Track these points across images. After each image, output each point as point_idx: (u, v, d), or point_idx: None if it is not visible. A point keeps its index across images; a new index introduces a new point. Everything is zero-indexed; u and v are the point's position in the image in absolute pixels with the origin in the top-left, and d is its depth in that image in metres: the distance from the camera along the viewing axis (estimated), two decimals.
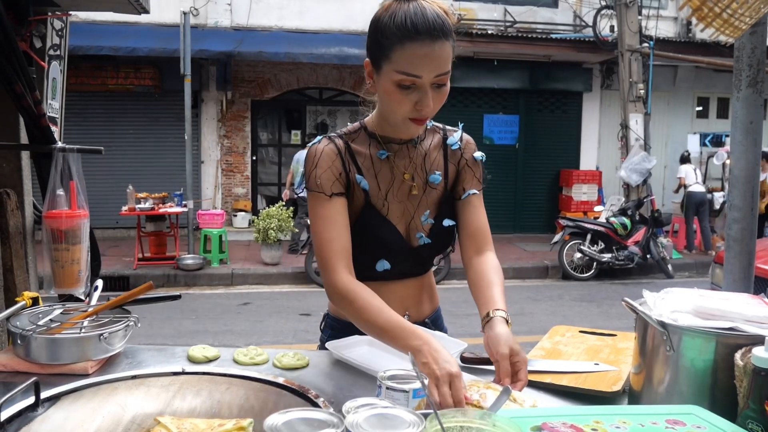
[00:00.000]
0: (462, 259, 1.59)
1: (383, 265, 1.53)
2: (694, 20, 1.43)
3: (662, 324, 1.12)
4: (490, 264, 1.53)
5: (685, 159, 10.87)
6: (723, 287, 2.33)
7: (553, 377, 1.35)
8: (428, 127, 1.60)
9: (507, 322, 1.35)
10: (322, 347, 1.65)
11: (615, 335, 1.63)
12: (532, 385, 1.34)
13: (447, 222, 1.56)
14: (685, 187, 10.62)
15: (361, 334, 1.50)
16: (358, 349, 1.50)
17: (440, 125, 1.64)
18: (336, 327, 1.65)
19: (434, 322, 1.69)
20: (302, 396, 1.12)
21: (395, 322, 1.28)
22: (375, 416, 0.84)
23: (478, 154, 1.61)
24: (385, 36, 1.33)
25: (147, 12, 2.05)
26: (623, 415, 1.00)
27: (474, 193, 1.58)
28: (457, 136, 1.61)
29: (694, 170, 10.64)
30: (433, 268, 1.71)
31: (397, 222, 1.53)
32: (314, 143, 1.50)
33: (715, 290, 1.38)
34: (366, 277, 1.49)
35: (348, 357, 1.42)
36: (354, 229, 1.48)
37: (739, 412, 1.00)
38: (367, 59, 1.42)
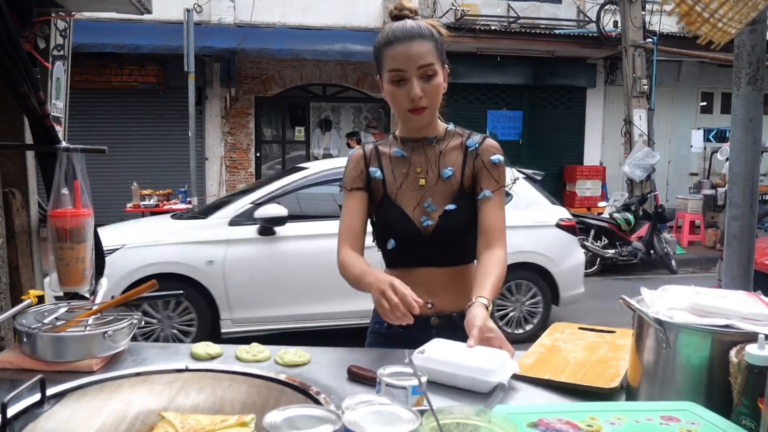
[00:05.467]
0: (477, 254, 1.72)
1: (391, 243, 1.73)
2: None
3: (659, 321, 1.14)
4: (493, 257, 1.63)
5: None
6: (722, 284, 2.34)
7: (551, 373, 1.36)
8: (448, 129, 1.77)
9: (486, 308, 1.49)
10: (369, 340, 1.82)
11: (614, 332, 1.64)
12: (532, 381, 1.36)
13: (449, 207, 1.70)
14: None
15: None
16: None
17: (466, 131, 1.79)
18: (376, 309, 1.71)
19: (462, 320, 1.63)
20: (304, 393, 1.14)
21: (362, 271, 1.60)
22: (373, 413, 0.86)
23: (496, 158, 1.73)
24: (377, 48, 1.66)
25: (149, 12, 2.07)
26: (618, 412, 1.02)
27: (489, 194, 1.69)
28: (476, 139, 1.76)
29: None
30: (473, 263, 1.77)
31: (407, 208, 1.73)
32: (352, 152, 1.82)
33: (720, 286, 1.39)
34: (390, 261, 1.79)
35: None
36: (376, 218, 1.78)
37: (733, 408, 1.01)
38: (377, 77, 1.70)
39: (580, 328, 1.68)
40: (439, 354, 1.37)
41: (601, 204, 10.69)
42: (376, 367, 1.20)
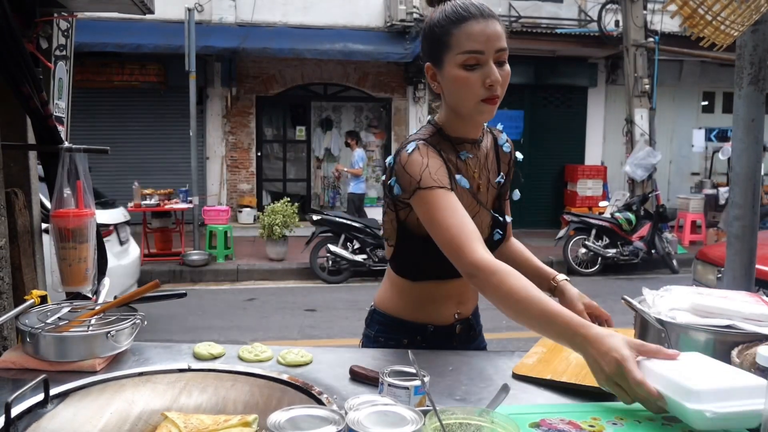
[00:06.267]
0: None
1: None
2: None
3: (660, 321, 1.14)
4: (519, 244, 1.80)
5: None
6: (724, 284, 2.34)
7: (553, 373, 1.36)
8: (484, 127, 1.63)
9: (568, 282, 1.63)
10: (366, 344, 1.67)
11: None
12: (534, 382, 1.36)
13: (508, 218, 1.70)
14: None
15: (398, 327, 1.62)
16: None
17: (486, 126, 1.66)
18: (384, 322, 1.65)
19: (474, 316, 1.74)
20: (306, 392, 1.14)
21: (556, 311, 1.19)
22: (376, 413, 0.86)
23: (519, 156, 1.73)
24: (441, 26, 1.42)
25: (152, 12, 2.06)
26: (620, 412, 1.02)
27: (515, 193, 1.74)
28: (504, 137, 1.70)
29: None
30: None
31: (476, 220, 1.50)
32: (413, 150, 1.45)
33: (697, 286, 1.36)
34: (423, 275, 1.58)
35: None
36: None
37: None
38: (427, 64, 1.48)
39: None
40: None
41: (603, 203, 10.69)
42: (378, 367, 1.20)
